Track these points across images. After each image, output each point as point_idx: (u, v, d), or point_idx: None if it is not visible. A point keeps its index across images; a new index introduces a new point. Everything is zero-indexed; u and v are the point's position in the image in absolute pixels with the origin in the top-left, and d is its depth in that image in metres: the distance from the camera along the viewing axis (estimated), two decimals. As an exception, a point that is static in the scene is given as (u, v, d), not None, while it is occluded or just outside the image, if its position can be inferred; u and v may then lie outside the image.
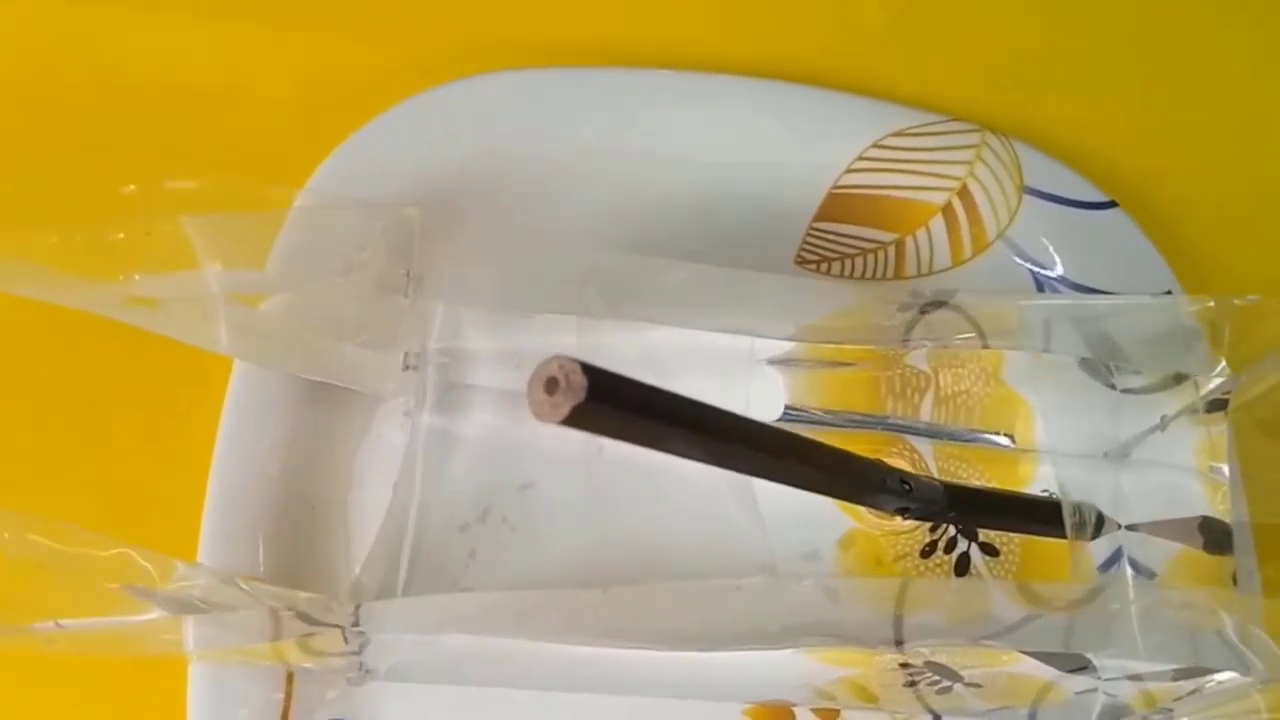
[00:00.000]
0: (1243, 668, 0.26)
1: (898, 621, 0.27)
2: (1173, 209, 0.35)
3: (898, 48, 0.36)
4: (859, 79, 0.35)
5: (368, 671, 0.27)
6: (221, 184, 0.24)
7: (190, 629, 0.25)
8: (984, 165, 0.34)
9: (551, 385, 0.17)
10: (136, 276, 0.23)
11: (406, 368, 0.28)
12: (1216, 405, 0.28)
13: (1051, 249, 0.34)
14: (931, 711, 0.30)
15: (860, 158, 0.34)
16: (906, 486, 0.23)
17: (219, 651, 0.25)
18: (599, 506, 0.27)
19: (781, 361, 0.30)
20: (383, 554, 0.26)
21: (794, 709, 0.30)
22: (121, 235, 0.22)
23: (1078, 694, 0.30)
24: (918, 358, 0.30)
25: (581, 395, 0.16)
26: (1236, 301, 0.25)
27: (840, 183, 0.34)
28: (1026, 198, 0.34)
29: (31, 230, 0.22)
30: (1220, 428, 0.28)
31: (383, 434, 0.30)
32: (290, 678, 0.28)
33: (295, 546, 0.29)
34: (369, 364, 0.28)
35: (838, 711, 0.30)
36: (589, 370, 0.17)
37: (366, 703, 0.28)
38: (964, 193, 0.34)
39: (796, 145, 0.34)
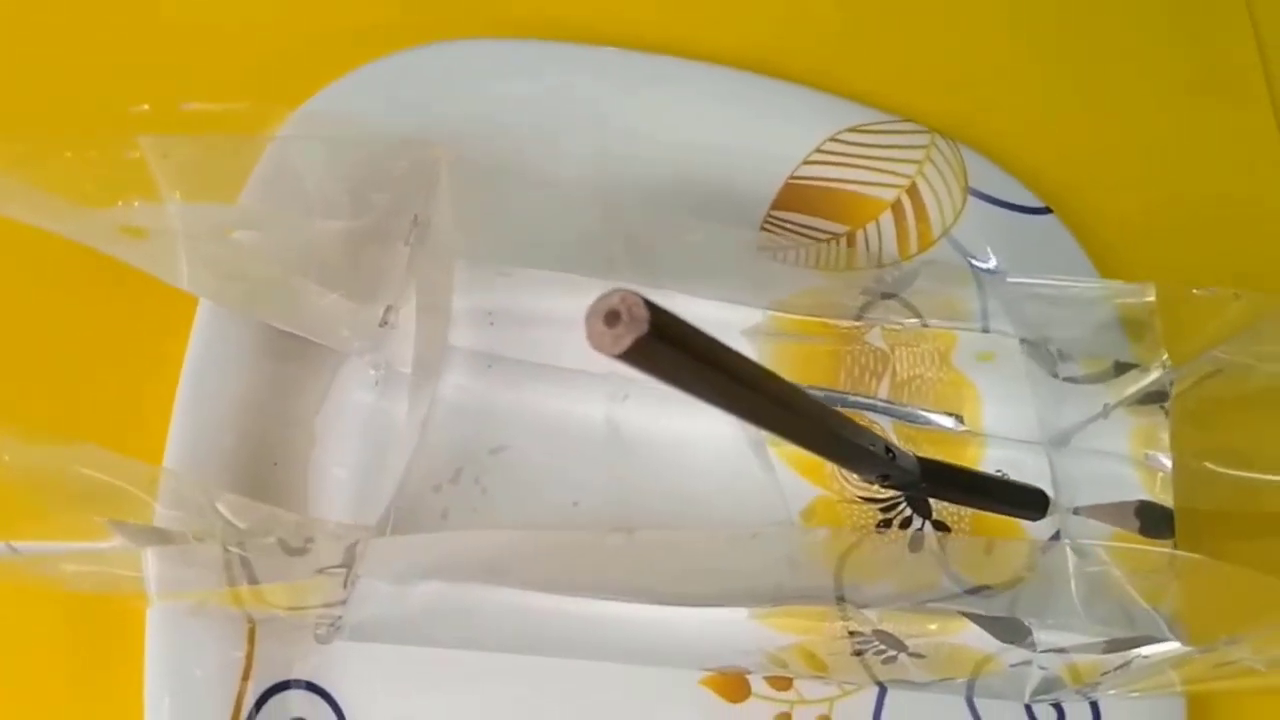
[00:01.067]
0: (1168, 635, 0.28)
1: (839, 578, 0.28)
2: (1102, 218, 0.37)
3: (855, 47, 0.38)
4: (818, 74, 0.36)
5: (337, 628, 0.26)
6: (238, 108, 0.23)
7: (153, 565, 0.24)
8: (932, 165, 0.36)
9: (612, 318, 0.17)
10: (136, 203, 0.22)
11: (384, 323, 0.28)
12: (1154, 396, 0.30)
13: (991, 249, 0.35)
14: (878, 682, 0.31)
15: (817, 150, 0.35)
16: (890, 454, 0.24)
17: (190, 594, 0.24)
18: (620, 456, 0.27)
19: (752, 332, 0.30)
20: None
21: (748, 677, 0.31)
22: (135, 154, 0.21)
23: (1013, 666, 0.31)
24: (875, 336, 0.32)
25: (644, 328, 0.17)
26: (1196, 292, 0.27)
27: (797, 173, 0.35)
28: (970, 199, 0.36)
29: (43, 142, 0.21)
30: (1157, 418, 0.30)
31: (347, 391, 0.30)
32: (252, 635, 0.27)
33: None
34: (345, 316, 0.27)
35: (790, 681, 0.31)
36: (651, 306, 0.17)
37: (329, 666, 0.28)
38: (913, 191, 0.36)
39: (758, 133, 0.35)
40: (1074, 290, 0.30)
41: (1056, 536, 0.31)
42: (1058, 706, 0.33)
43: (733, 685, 0.31)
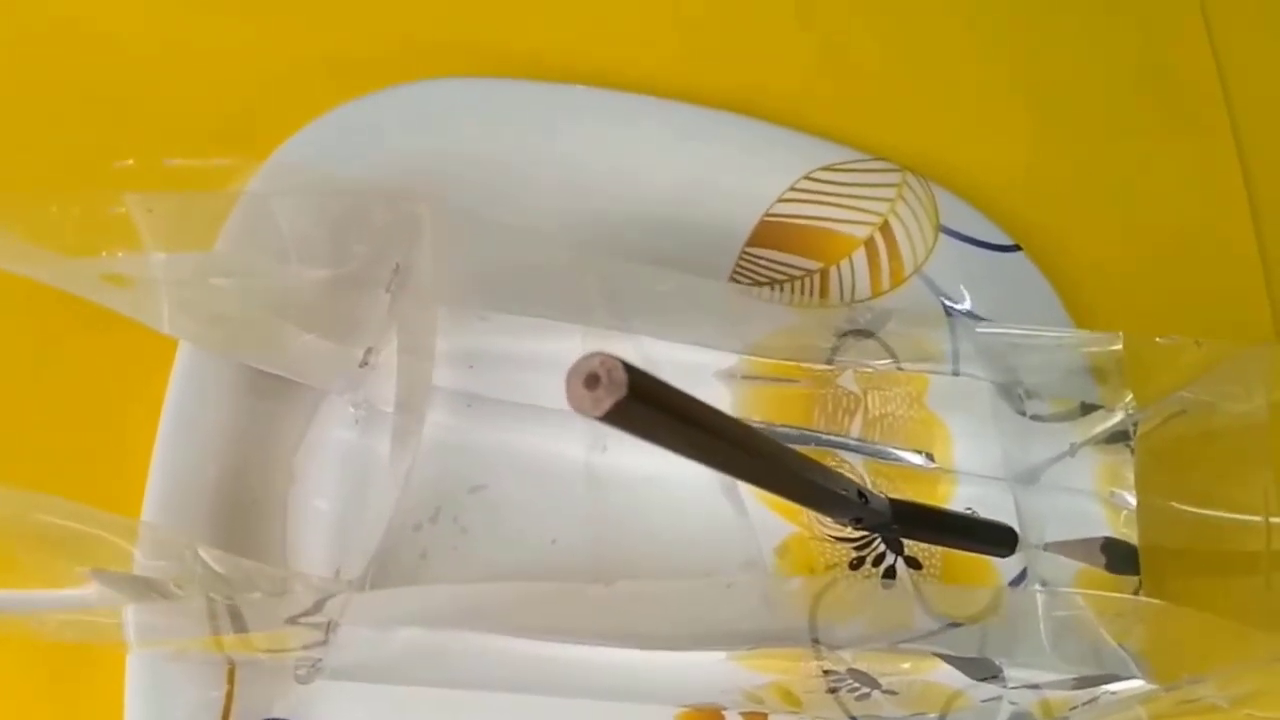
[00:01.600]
0: (1135, 673, 0.28)
1: (813, 621, 0.28)
2: (1070, 253, 0.38)
3: (829, 86, 0.39)
4: (793, 113, 0.37)
5: (318, 669, 0.26)
6: (217, 163, 0.23)
7: (132, 614, 0.24)
8: (904, 203, 0.36)
9: (592, 381, 0.17)
10: (120, 254, 0.22)
11: (364, 364, 0.28)
12: (1119, 436, 0.31)
13: (962, 286, 0.36)
14: (851, 717, 0.32)
15: (791, 188, 0.36)
16: (863, 499, 0.25)
17: (170, 641, 0.24)
18: (598, 495, 0.28)
19: (728, 376, 0.31)
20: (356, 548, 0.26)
21: (723, 712, 0.31)
22: (120, 209, 0.21)
23: (983, 701, 0.32)
24: (848, 379, 0.32)
25: (623, 392, 0.17)
26: (1159, 340, 0.28)
27: (772, 210, 0.36)
28: (942, 236, 0.36)
29: (29, 198, 0.21)
30: (1122, 456, 0.31)
31: (327, 429, 0.30)
32: (231, 675, 0.27)
33: (231, 544, 0.29)
34: (325, 356, 0.27)
35: (765, 716, 0.31)
36: (629, 369, 0.17)
37: (310, 703, 0.28)
38: (885, 228, 0.36)
39: (734, 172, 0.36)
40: (1044, 338, 0.31)
41: (1024, 573, 0.31)
42: (1027, 737, 0.33)
43: (708, 719, 0.31)
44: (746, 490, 0.30)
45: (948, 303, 0.36)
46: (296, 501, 0.30)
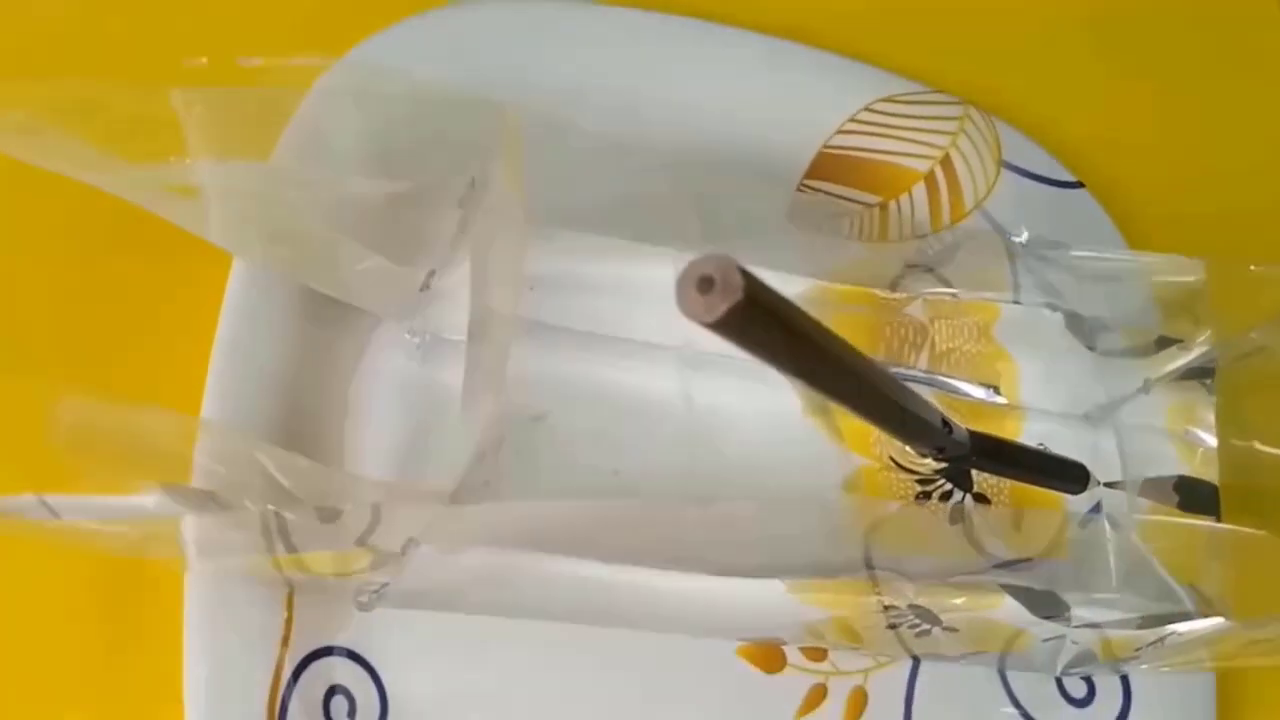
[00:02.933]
0: (1204, 611, 0.28)
1: (869, 547, 0.27)
2: (1132, 193, 0.37)
3: (890, 18, 0.38)
4: (853, 44, 0.36)
5: (382, 595, 0.26)
6: (292, 62, 0.22)
7: (191, 529, 0.23)
8: (966, 138, 0.36)
9: (706, 284, 0.16)
10: (183, 160, 0.21)
11: (424, 288, 0.27)
12: (1196, 372, 0.30)
13: (1023, 224, 0.35)
14: (912, 655, 0.31)
15: (851, 119, 0.35)
16: (948, 428, 0.24)
17: (228, 558, 0.24)
18: (662, 424, 0.27)
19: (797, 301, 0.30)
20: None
21: (784, 648, 0.31)
22: (179, 109, 0.20)
23: (1045, 641, 0.31)
24: (916, 308, 0.31)
25: (739, 295, 0.16)
26: (1254, 268, 0.27)
27: (831, 142, 0.35)
28: (1004, 172, 0.35)
29: (92, 94, 0.20)
30: (1198, 394, 0.30)
31: (382, 359, 0.29)
32: (290, 601, 0.27)
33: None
34: (387, 279, 0.26)
35: (825, 652, 0.31)
36: (745, 274, 0.16)
37: (369, 634, 0.27)
38: (946, 162, 0.35)
39: (792, 101, 0.35)
40: (1116, 264, 0.30)
41: (1094, 510, 0.31)
42: (1088, 679, 0.33)
43: (769, 656, 0.30)
44: (815, 422, 0.30)
45: (1010, 239, 0.35)
46: (352, 434, 0.29)
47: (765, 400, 0.29)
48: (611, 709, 0.29)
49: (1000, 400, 0.31)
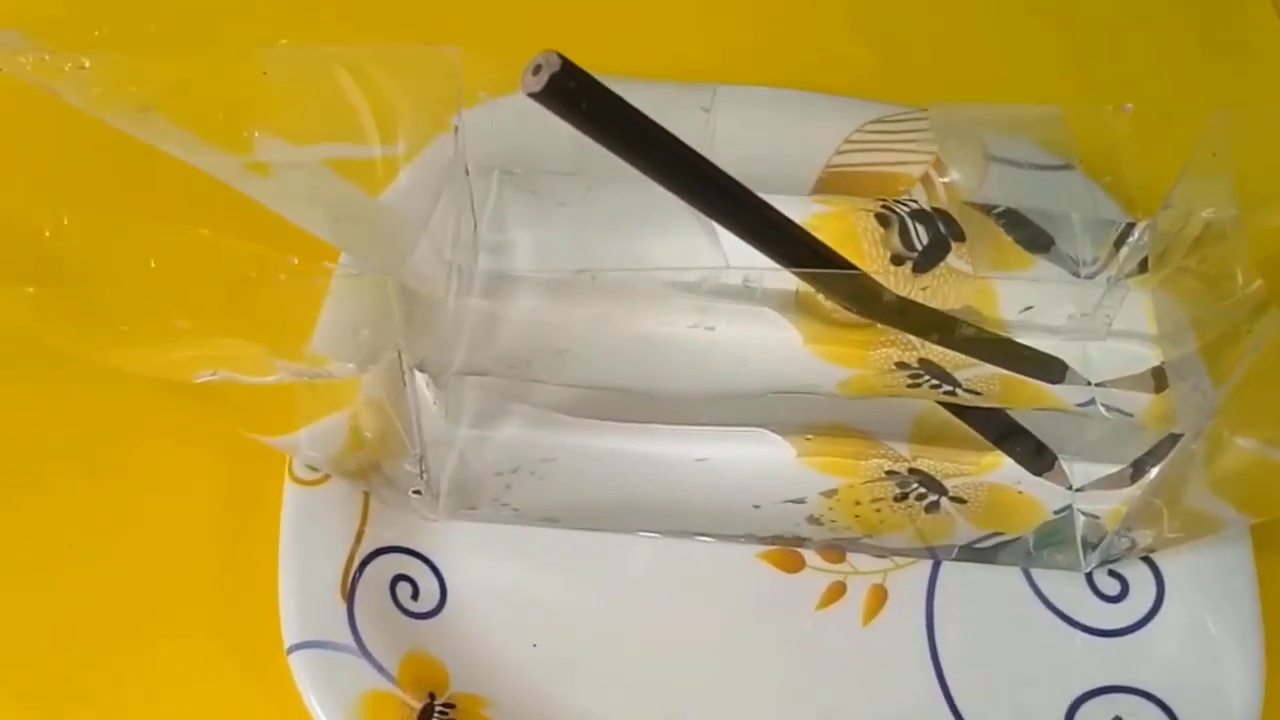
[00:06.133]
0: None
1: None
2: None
3: (872, 61, 0.44)
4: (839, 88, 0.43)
5: (434, 494, 0.32)
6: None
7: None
8: (954, 140, 0.41)
9: (537, 68, 0.23)
10: (256, 134, 0.27)
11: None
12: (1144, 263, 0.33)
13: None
14: (928, 546, 0.33)
15: (846, 141, 0.41)
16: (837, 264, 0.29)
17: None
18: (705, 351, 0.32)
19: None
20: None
21: (802, 553, 0.34)
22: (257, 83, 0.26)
23: (1056, 513, 0.33)
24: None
25: (557, 68, 0.23)
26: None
27: (831, 163, 0.41)
28: (993, 165, 0.40)
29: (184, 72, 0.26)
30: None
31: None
32: (365, 511, 0.33)
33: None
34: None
35: (843, 555, 0.34)
36: (565, 58, 0.23)
37: (433, 538, 0.33)
38: (939, 163, 0.41)
39: (790, 139, 0.41)
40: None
41: (1089, 402, 0.32)
42: (1120, 577, 0.33)
43: (789, 559, 0.34)
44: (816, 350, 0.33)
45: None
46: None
47: (768, 333, 0.34)
48: (644, 607, 0.33)
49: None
